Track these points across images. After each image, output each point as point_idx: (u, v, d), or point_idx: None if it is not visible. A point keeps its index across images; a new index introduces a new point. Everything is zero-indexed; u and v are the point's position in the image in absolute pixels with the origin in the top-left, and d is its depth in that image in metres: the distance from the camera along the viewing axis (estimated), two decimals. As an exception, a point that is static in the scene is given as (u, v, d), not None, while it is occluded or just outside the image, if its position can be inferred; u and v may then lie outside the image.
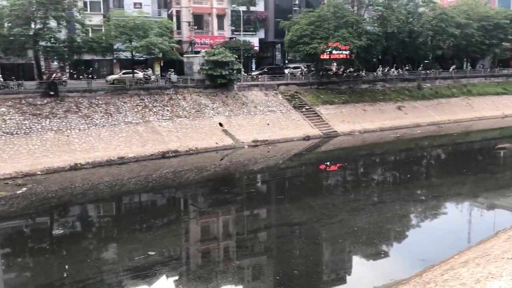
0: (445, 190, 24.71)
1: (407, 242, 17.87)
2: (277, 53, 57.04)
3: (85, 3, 42.90)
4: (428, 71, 53.19)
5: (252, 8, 52.01)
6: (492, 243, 15.02)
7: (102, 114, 32.51)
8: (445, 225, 19.80)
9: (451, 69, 55.82)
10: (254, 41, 51.76)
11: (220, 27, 51.17)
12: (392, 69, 52.15)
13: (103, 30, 40.07)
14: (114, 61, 44.20)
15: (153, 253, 16.05)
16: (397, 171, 30.59)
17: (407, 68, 53.59)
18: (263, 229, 19.53)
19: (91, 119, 31.56)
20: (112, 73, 42.63)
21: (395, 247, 17.34)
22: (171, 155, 31.04)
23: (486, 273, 10.51)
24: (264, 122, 37.79)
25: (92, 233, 19.45)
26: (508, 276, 9.23)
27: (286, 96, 42.15)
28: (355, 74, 48.55)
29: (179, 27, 49.91)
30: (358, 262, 16.23)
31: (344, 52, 44.76)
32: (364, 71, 49.25)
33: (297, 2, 55.22)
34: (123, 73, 39.86)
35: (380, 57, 54.20)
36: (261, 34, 53.32)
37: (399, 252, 16.96)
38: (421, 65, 55.33)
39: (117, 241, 18.23)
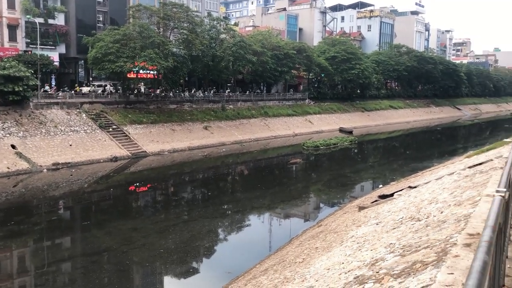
0: (247, 204, 26.64)
1: (215, 257, 18.62)
2: (80, 69, 53.88)
3: None
4: (231, 94, 57.02)
5: (50, 21, 48.08)
6: (287, 250, 16.69)
7: None
8: (248, 237, 21.32)
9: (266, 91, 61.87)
10: (54, 56, 47.83)
11: (12, 38, 45.95)
12: (199, 91, 54.44)
13: None
14: None
15: None
16: (204, 189, 31.77)
17: (212, 90, 56.50)
18: (65, 260, 17.96)
19: None
20: None
21: (204, 263, 17.91)
22: None
23: (282, 278, 11.63)
24: (66, 143, 35.09)
25: None
26: (299, 278, 10.41)
27: (91, 115, 40.01)
28: (163, 94, 49.05)
29: (-42, 34, 43.14)
30: (168, 282, 16.24)
31: (151, 72, 44.96)
32: (172, 92, 50.11)
33: (101, 19, 53.31)
34: None
35: (186, 78, 55.97)
36: (61, 49, 49.63)
37: (208, 267, 17.56)
38: (228, 88, 58.98)
39: None
